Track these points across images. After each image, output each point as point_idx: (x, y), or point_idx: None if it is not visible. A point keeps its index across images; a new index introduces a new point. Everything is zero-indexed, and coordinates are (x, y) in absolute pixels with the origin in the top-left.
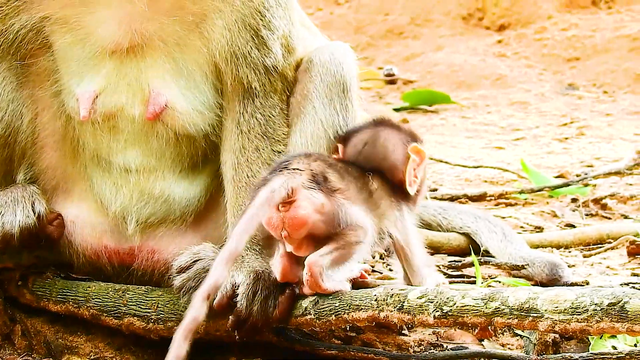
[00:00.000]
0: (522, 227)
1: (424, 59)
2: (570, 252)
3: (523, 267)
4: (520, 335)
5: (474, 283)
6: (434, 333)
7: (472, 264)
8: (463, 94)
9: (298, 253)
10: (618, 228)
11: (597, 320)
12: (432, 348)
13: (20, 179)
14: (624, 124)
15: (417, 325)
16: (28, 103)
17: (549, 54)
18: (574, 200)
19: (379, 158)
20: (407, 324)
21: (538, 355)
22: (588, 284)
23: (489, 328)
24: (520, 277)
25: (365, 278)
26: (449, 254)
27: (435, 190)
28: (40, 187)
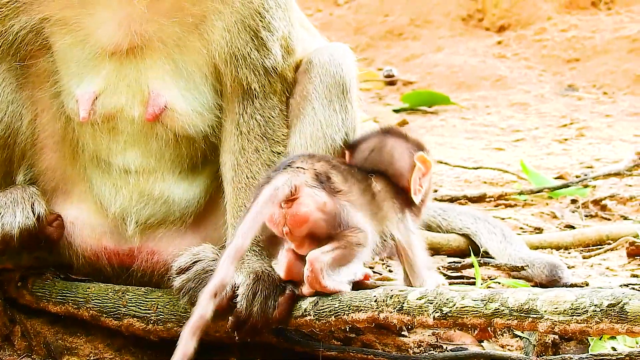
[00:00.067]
0: (521, 228)
1: (424, 60)
2: (570, 253)
3: (523, 268)
4: (520, 337)
5: (474, 284)
6: (434, 334)
7: (471, 265)
8: (463, 95)
9: (299, 251)
10: (617, 229)
11: (596, 322)
12: (431, 349)
13: (20, 180)
14: (624, 125)
15: (416, 326)
16: (28, 104)
17: (549, 55)
18: (574, 202)
19: (385, 165)
20: (406, 325)
21: (538, 357)
22: (588, 285)
23: (489, 329)
24: (520, 278)
25: (368, 279)
26: (449, 255)
27: (435, 192)
28: (40, 188)
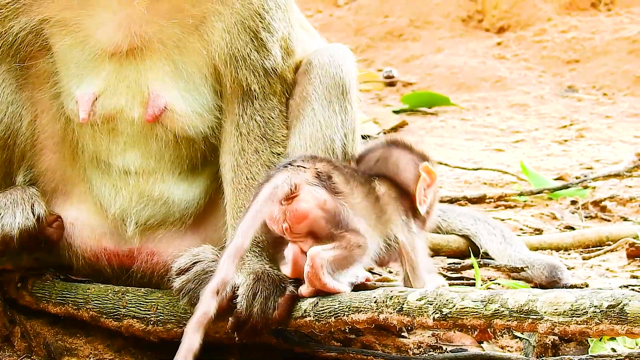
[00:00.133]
0: (521, 229)
1: (424, 61)
2: (570, 254)
3: (522, 269)
4: (520, 338)
5: (474, 285)
6: (434, 335)
7: (471, 266)
8: (462, 96)
9: (302, 248)
10: (617, 230)
11: (596, 323)
12: (431, 350)
13: (20, 181)
14: (624, 126)
15: (416, 327)
16: (27, 105)
17: (549, 56)
18: (574, 203)
19: (391, 175)
20: (406, 326)
21: (537, 358)
22: (587, 286)
23: (489, 330)
24: (520, 279)
25: (369, 281)
26: (449, 256)
27: None
28: (40, 189)
